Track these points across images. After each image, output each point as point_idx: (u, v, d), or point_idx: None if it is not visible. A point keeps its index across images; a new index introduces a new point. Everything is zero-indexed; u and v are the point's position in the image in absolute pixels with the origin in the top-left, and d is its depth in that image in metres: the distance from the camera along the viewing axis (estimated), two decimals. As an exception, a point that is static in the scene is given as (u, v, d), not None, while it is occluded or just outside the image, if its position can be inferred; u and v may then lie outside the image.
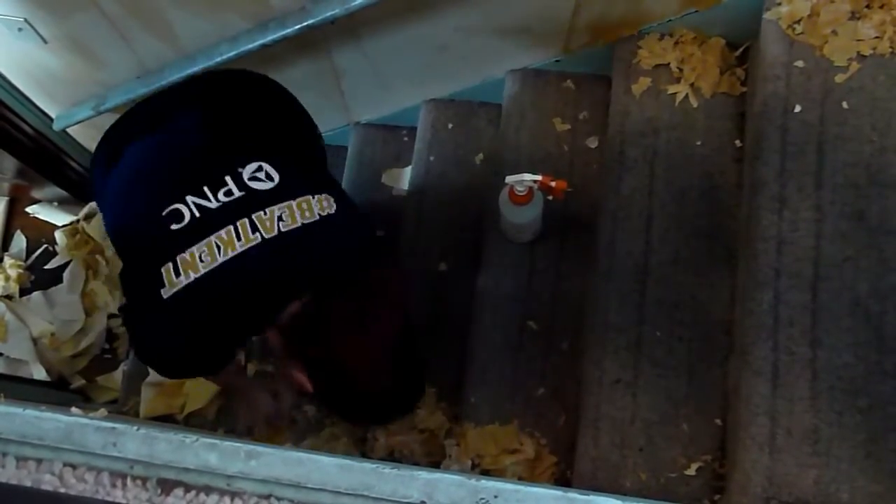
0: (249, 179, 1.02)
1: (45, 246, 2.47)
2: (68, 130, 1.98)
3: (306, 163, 1.13)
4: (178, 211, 1.00)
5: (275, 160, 1.05)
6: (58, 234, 2.42)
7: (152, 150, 1.12)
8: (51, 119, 1.95)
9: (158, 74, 1.68)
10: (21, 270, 2.42)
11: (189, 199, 1.00)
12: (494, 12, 1.49)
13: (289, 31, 1.45)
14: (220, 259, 0.97)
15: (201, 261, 0.97)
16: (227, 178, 1.01)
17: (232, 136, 1.10)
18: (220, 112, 1.16)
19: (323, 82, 1.79)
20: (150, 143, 1.13)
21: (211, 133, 1.12)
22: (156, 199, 1.02)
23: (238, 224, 0.98)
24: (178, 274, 0.97)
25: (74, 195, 2.37)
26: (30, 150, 2.03)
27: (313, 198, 1.03)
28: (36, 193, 2.46)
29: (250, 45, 1.50)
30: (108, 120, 1.91)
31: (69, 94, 1.86)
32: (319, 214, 1.02)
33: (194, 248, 0.97)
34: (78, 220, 2.43)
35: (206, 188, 1.01)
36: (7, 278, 2.40)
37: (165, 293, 0.98)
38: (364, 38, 1.60)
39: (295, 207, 1.01)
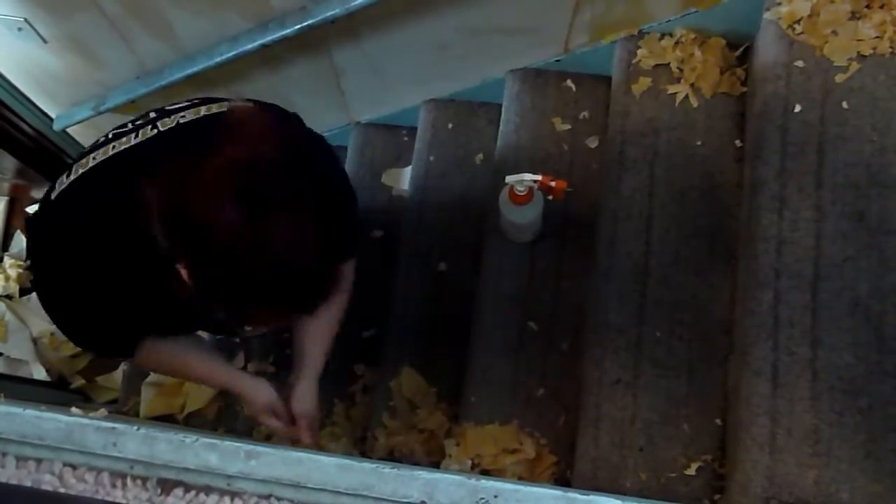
0: (170, 106, 1.03)
1: (45, 246, 2.47)
2: (68, 130, 1.98)
3: None
4: (96, 141, 1.00)
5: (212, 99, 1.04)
6: (58, 234, 2.41)
7: None
8: (51, 119, 1.95)
9: (158, 74, 1.68)
10: (21, 270, 2.42)
11: (111, 132, 1.01)
12: (494, 12, 1.49)
13: (289, 31, 1.45)
14: (112, 153, 0.94)
15: (93, 159, 0.94)
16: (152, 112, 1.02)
17: None
18: None
19: (323, 82, 1.79)
20: None
21: None
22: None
23: (141, 130, 0.96)
24: (69, 175, 0.94)
25: (74, 195, 2.37)
26: (30, 150, 2.03)
27: (226, 103, 0.99)
28: (36, 193, 2.46)
29: (250, 45, 1.50)
30: (108, 120, 1.92)
31: (69, 94, 1.86)
32: (208, 112, 0.98)
33: (92, 154, 0.95)
34: (78, 220, 2.43)
35: (136, 121, 1.01)
36: (7, 278, 2.40)
37: (54, 194, 0.94)
38: (364, 37, 1.60)
39: (203, 109, 0.98)
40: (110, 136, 1.00)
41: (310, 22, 1.43)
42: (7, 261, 2.44)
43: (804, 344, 1.13)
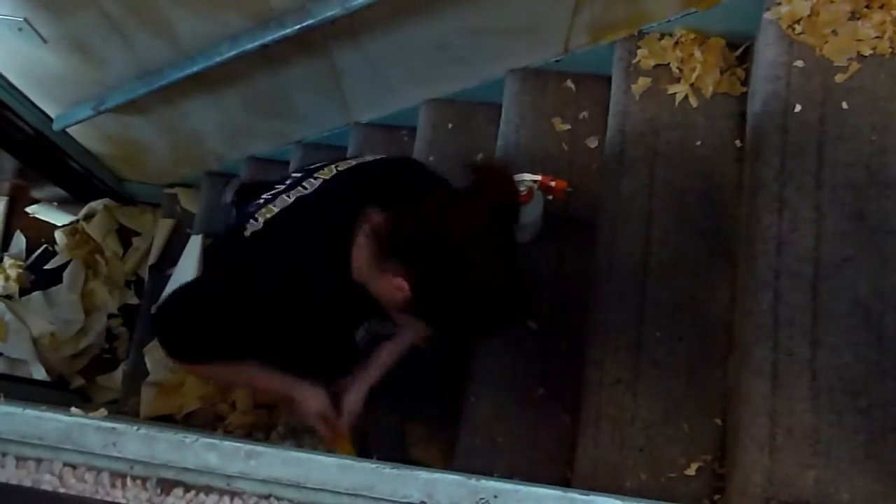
0: (305, 167, 1.20)
1: (45, 246, 2.48)
2: (68, 130, 1.99)
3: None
4: (256, 204, 1.14)
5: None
6: (58, 234, 2.42)
7: None
8: (50, 119, 1.95)
9: (158, 74, 1.68)
10: (21, 270, 2.42)
11: (263, 195, 1.16)
12: (494, 12, 1.49)
13: (289, 31, 1.45)
14: (291, 200, 1.10)
15: (274, 206, 1.10)
16: (292, 174, 1.19)
17: None
18: None
19: (323, 82, 1.79)
20: None
21: None
22: (239, 220, 1.15)
23: (304, 183, 1.13)
24: (256, 220, 1.09)
25: (74, 195, 2.37)
26: (30, 150, 2.03)
27: (367, 155, 1.20)
28: (36, 193, 2.47)
29: (250, 45, 1.50)
30: (108, 120, 1.92)
31: (69, 93, 1.86)
32: (373, 159, 1.17)
33: (269, 205, 1.11)
34: (78, 220, 2.43)
35: (275, 185, 1.17)
36: (7, 278, 2.40)
37: (247, 233, 1.08)
38: (364, 38, 1.60)
39: (350, 160, 1.17)
40: (268, 196, 1.15)
41: (310, 22, 1.43)
42: (7, 261, 2.44)
43: (804, 344, 1.13)
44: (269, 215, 1.09)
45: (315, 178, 1.13)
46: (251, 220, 1.10)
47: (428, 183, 1.14)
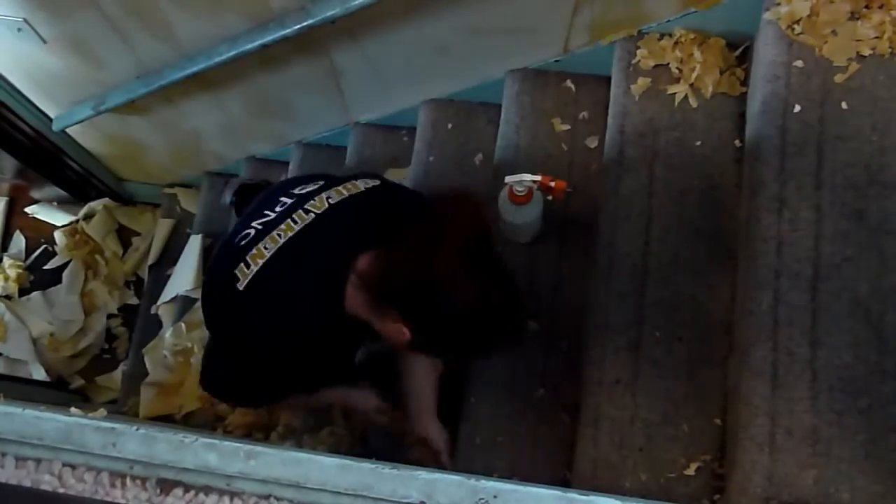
0: (298, 191, 1.17)
1: (45, 246, 2.48)
2: (68, 130, 1.98)
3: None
4: (247, 234, 1.13)
5: (321, 177, 1.20)
6: (57, 235, 2.42)
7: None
8: (50, 119, 1.95)
9: (158, 74, 1.68)
10: (20, 270, 2.42)
11: (253, 223, 1.14)
12: (494, 12, 1.49)
13: (289, 31, 1.45)
14: (282, 241, 1.09)
15: (266, 248, 1.09)
16: (282, 198, 1.17)
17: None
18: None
19: (323, 82, 1.79)
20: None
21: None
22: (232, 236, 1.16)
23: (294, 215, 1.11)
24: (248, 266, 1.08)
25: (74, 195, 2.37)
26: (29, 150, 2.03)
27: (357, 180, 1.17)
28: (35, 193, 2.46)
29: (250, 45, 1.50)
30: (108, 120, 1.92)
31: (69, 94, 1.86)
32: (364, 188, 1.15)
33: (260, 245, 1.10)
34: (77, 221, 2.43)
35: (266, 211, 1.15)
36: (6, 278, 2.40)
37: (240, 285, 1.08)
38: (364, 38, 1.60)
39: (342, 189, 1.15)
40: (258, 226, 1.14)
41: (310, 22, 1.43)
42: (6, 261, 2.44)
43: (804, 344, 1.13)
44: (260, 261, 1.09)
45: (307, 212, 1.12)
46: (242, 265, 1.10)
47: (411, 213, 1.12)
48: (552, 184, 1.35)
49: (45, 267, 2.42)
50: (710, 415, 1.26)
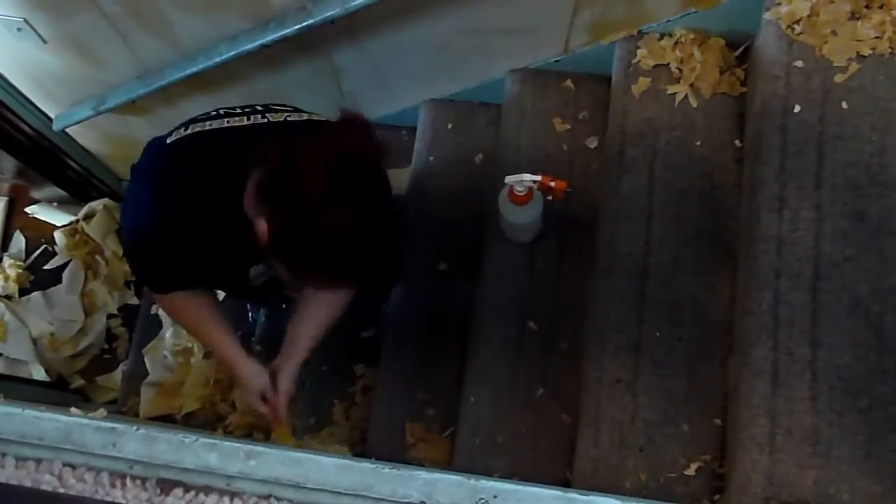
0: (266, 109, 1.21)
1: (45, 246, 2.47)
2: (68, 130, 1.98)
3: None
4: (207, 112, 1.20)
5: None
6: (57, 235, 2.42)
7: None
8: (50, 119, 1.95)
9: (158, 74, 1.68)
10: (20, 270, 2.42)
11: (220, 109, 1.20)
12: (494, 12, 1.49)
13: (289, 31, 1.45)
14: (227, 124, 1.14)
15: (210, 124, 1.15)
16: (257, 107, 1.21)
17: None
18: None
19: (323, 82, 1.79)
20: None
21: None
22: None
23: (251, 115, 1.16)
24: (185, 129, 1.15)
25: (74, 195, 2.37)
26: (29, 150, 2.03)
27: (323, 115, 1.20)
28: (35, 193, 2.46)
29: (250, 45, 1.50)
30: (108, 120, 1.92)
31: (69, 94, 1.86)
32: (316, 120, 1.19)
33: (207, 122, 1.15)
34: (77, 220, 2.43)
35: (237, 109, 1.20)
36: (6, 278, 2.40)
37: (169, 140, 1.14)
38: (364, 38, 1.60)
39: (305, 115, 1.21)
40: (221, 111, 1.20)
41: (310, 22, 1.43)
42: (6, 261, 2.44)
43: (804, 344, 1.13)
44: (199, 129, 1.15)
45: (264, 116, 1.17)
46: (179, 129, 1.17)
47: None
48: (552, 184, 1.35)
49: (45, 267, 2.42)
50: (710, 415, 1.26)
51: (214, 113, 1.21)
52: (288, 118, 1.19)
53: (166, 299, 1.27)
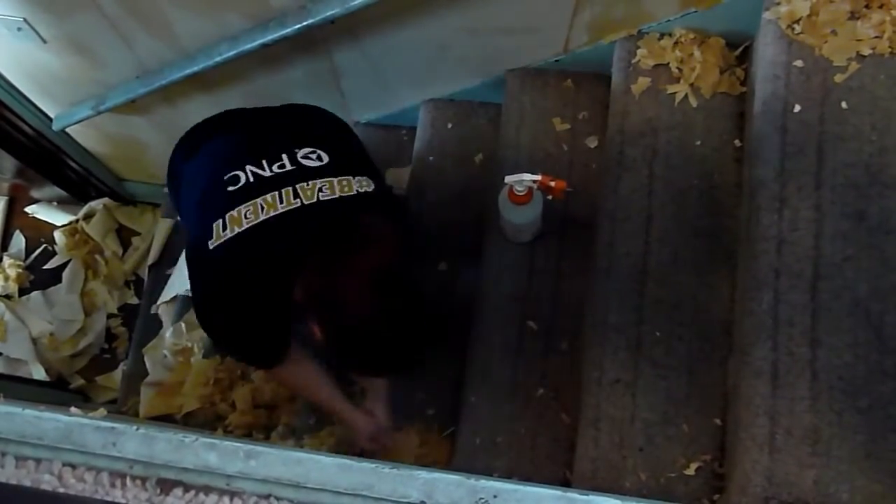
0: (302, 158, 1.18)
1: (45, 246, 2.48)
2: (67, 130, 1.99)
3: (353, 154, 1.29)
4: (237, 176, 1.15)
5: (326, 147, 1.21)
6: (57, 234, 2.42)
7: (225, 141, 1.28)
8: (50, 119, 1.95)
9: (158, 74, 1.68)
10: (20, 270, 2.42)
11: (248, 167, 1.15)
12: (494, 12, 1.49)
13: (289, 30, 1.45)
14: (262, 217, 1.10)
15: (245, 218, 1.11)
16: (283, 156, 1.17)
17: (294, 128, 1.28)
18: (286, 116, 1.36)
19: (323, 82, 1.79)
20: (225, 138, 1.29)
21: (276, 125, 1.32)
22: (220, 166, 1.18)
23: (283, 191, 1.12)
24: (224, 228, 1.11)
25: (74, 195, 2.37)
26: (29, 150, 2.03)
27: (354, 178, 1.17)
28: (35, 193, 2.46)
29: (250, 45, 1.50)
30: (108, 119, 1.92)
31: (68, 94, 1.86)
32: (357, 191, 1.16)
33: (241, 207, 1.11)
34: (77, 220, 2.43)
35: (263, 160, 1.16)
36: (6, 278, 2.40)
37: (211, 244, 1.11)
38: (364, 37, 1.60)
39: (335, 183, 1.15)
40: (250, 177, 1.16)
41: (310, 22, 1.43)
42: (6, 260, 2.44)
43: (804, 344, 1.13)
44: (237, 229, 1.10)
45: (295, 194, 1.13)
46: (219, 224, 1.12)
47: (366, 229, 1.16)
48: (552, 184, 1.35)
49: (45, 267, 2.42)
50: (710, 415, 1.26)
51: (244, 182, 1.15)
52: (321, 197, 1.14)
53: (276, 374, 1.38)
